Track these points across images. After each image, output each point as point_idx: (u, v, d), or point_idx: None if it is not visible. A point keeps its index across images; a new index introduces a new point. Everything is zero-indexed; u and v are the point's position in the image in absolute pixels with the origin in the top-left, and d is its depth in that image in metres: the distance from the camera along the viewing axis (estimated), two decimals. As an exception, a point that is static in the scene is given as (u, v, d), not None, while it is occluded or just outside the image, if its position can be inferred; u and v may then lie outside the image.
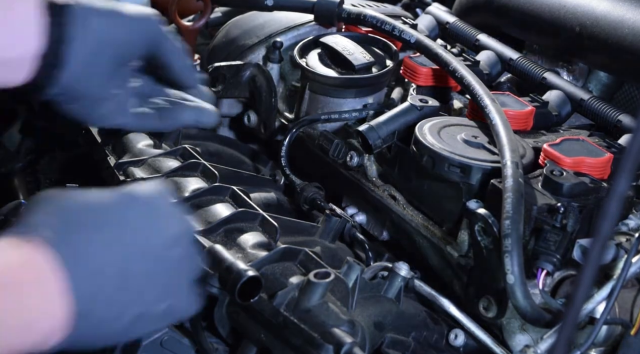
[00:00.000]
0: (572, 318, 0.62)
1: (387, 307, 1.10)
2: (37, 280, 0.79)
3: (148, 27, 1.12)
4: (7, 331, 0.77)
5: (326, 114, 1.38)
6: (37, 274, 0.79)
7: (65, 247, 0.81)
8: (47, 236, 0.80)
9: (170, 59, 1.15)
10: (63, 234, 0.81)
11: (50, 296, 0.79)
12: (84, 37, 1.06)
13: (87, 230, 0.83)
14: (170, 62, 1.16)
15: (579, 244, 1.05)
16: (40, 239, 0.80)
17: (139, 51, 1.13)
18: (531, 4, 1.47)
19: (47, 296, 0.79)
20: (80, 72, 1.07)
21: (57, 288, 0.79)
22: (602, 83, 1.48)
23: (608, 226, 0.59)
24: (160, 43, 1.13)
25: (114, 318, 0.84)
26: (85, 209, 0.85)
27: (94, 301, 0.82)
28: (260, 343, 1.02)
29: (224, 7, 1.68)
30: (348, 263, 1.08)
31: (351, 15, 1.49)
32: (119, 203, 0.88)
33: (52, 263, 0.79)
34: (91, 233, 0.83)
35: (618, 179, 0.59)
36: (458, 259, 1.16)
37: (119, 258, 0.84)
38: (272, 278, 1.04)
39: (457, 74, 1.28)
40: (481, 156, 1.16)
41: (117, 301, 0.84)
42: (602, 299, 1.01)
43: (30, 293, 0.79)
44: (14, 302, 0.78)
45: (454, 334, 1.12)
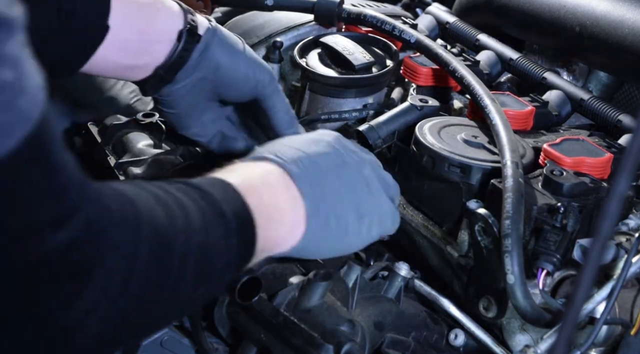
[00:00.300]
0: (572, 318, 0.61)
1: (387, 307, 1.10)
2: (281, 182, 0.97)
3: (261, 76, 1.21)
4: (268, 221, 0.93)
5: (326, 114, 1.38)
6: (280, 178, 0.98)
7: (292, 164, 0.99)
8: (273, 158, 0.99)
9: (274, 111, 1.23)
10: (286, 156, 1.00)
11: (292, 195, 0.97)
12: (200, 66, 1.17)
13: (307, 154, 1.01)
14: (274, 113, 1.24)
15: (579, 244, 1.05)
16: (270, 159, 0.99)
17: (245, 94, 1.22)
18: (531, 4, 1.46)
19: (291, 195, 0.97)
20: (184, 94, 1.19)
21: (295, 189, 0.97)
22: (602, 83, 1.48)
23: (608, 226, 0.59)
24: (268, 94, 1.22)
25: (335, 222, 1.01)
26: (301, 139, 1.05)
27: (319, 204, 0.99)
28: (260, 343, 1.02)
29: (224, 7, 1.68)
30: (348, 263, 1.08)
31: (351, 15, 1.49)
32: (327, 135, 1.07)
33: (284, 173, 0.98)
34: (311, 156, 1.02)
35: (618, 179, 0.59)
36: (458, 259, 1.16)
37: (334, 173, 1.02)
38: (272, 278, 1.04)
39: (457, 74, 1.28)
40: (481, 156, 1.16)
41: (336, 207, 1.01)
42: (602, 299, 1.01)
43: (279, 191, 0.97)
44: (272, 197, 0.95)
45: (454, 334, 1.12)
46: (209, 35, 1.17)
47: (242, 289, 0.99)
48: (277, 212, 0.96)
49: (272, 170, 0.98)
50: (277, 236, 0.96)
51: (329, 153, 1.04)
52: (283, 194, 0.97)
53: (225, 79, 1.20)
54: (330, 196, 1.01)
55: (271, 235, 0.94)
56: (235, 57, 1.19)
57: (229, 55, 1.19)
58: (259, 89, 1.21)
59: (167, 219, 0.81)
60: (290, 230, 0.97)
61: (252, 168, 0.98)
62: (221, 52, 1.18)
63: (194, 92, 1.20)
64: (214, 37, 1.18)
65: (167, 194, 0.84)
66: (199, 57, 1.17)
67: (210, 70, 1.18)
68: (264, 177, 0.97)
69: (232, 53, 1.19)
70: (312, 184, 0.99)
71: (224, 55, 1.18)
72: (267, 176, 0.97)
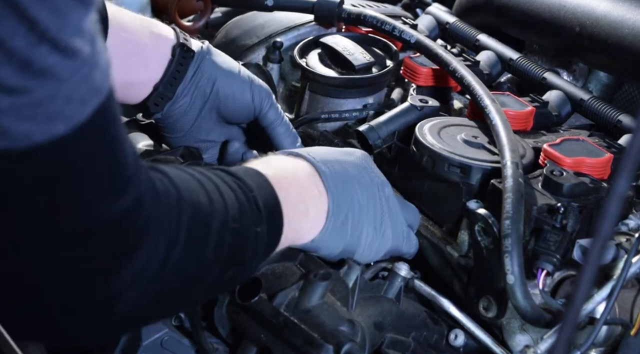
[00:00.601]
0: (572, 318, 0.61)
1: (387, 307, 1.10)
2: (310, 178, 1.02)
3: (258, 92, 1.25)
4: (294, 213, 0.97)
5: (326, 113, 1.38)
6: (310, 174, 1.03)
7: (322, 164, 1.04)
8: (306, 156, 1.04)
9: (273, 126, 1.27)
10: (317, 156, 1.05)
11: (319, 190, 1.02)
12: (197, 81, 1.23)
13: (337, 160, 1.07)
14: (273, 129, 1.27)
15: (579, 244, 1.05)
16: (303, 156, 1.04)
17: (243, 112, 1.26)
18: (531, 4, 1.46)
19: (317, 190, 1.02)
20: (185, 112, 1.24)
21: (322, 186, 1.03)
22: (602, 83, 1.48)
23: (608, 226, 0.59)
24: (266, 110, 1.26)
25: (351, 227, 1.05)
26: (334, 149, 1.12)
27: (341, 204, 1.04)
28: (260, 343, 1.02)
29: (224, 7, 1.68)
30: (348, 263, 1.08)
31: (351, 15, 1.49)
32: (358, 151, 1.13)
33: (314, 170, 1.03)
34: (341, 162, 1.07)
35: (618, 179, 0.59)
36: (458, 259, 1.16)
37: (359, 183, 1.07)
38: (272, 278, 1.04)
39: (457, 74, 1.28)
40: (481, 156, 1.16)
41: (355, 213, 1.06)
42: (602, 299, 1.01)
43: (307, 186, 1.01)
44: (300, 190, 1.00)
45: (454, 335, 1.12)
46: (203, 52, 1.23)
47: (242, 289, 0.99)
48: (303, 205, 1.00)
49: (303, 166, 1.03)
50: (300, 227, 1.00)
51: (357, 164, 1.09)
52: (310, 189, 1.02)
53: (223, 97, 1.24)
54: (351, 201, 1.05)
55: (295, 226, 0.99)
56: (230, 73, 1.24)
57: (224, 72, 1.24)
58: (256, 104, 1.25)
59: (207, 202, 0.85)
60: (312, 224, 1.02)
61: (285, 162, 1.04)
62: (216, 68, 1.24)
63: (194, 110, 1.24)
64: (208, 54, 1.23)
65: (207, 179, 0.88)
66: (196, 73, 1.22)
67: (207, 86, 1.23)
68: (295, 171, 1.02)
69: (226, 70, 1.24)
70: (337, 185, 1.04)
71: (219, 72, 1.24)
72: (298, 171, 1.02)
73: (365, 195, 1.07)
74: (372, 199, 1.08)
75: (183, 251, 0.80)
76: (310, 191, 1.02)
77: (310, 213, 1.02)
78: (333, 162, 1.06)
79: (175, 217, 0.80)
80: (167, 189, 0.81)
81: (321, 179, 1.03)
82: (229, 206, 0.87)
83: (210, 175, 0.89)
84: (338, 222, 1.04)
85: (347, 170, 1.07)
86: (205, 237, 0.84)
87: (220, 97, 1.24)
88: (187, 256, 0.81)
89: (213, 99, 1.24)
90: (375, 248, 1.09)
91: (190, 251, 0.82)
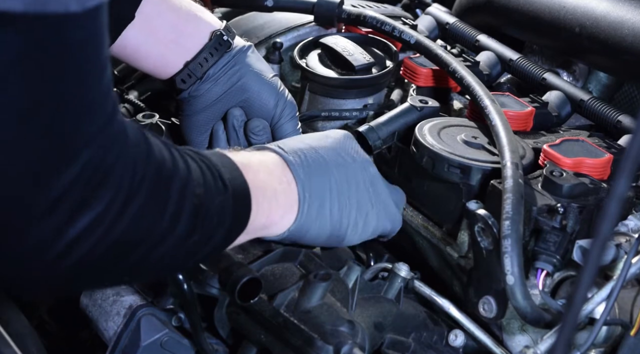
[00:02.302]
0: (571, 319, 0.61)
1: (387, 308, 1.10)
2: (278, 168, 1.04)
3: (283, 104, 1.31)
4: (263, 197, 0.98)
5: (326, 111, 1.38)
6: (278, 165, 1.04)
7: (291, 154, 1.06)
8: (274, 148, 1.06)
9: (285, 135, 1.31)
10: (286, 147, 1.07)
11: (287, 179, 1.04)
12: (229, 71, 1.29)
13: (312, 147, 1.08)
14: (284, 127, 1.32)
15: (579, 245, 1.05)
16: (272, 149, 1.06)
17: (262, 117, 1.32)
18: (531, 4, 1.46)
19: (286, 179, 1.04)
20: (211, 95, 1.30)
21: (290, 175, 1.04)
22: (602, 83, 1.48)
23: (608, 227, 0.59)
24: (284, 123, 1.32)
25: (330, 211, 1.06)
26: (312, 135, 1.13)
27: (314, 191, 1.05)
28: (260, 343, 1.02)
29: (224, 8, 1.68)
30: (348, 264, 1.08)
31: (351, 16, 1.49)
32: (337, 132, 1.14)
33: (282, 161, 1.05)
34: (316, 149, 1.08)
35: (618, 180, 0.59)
36: (458, 260, 1.16)
37: (338, 167, 1.09)
38: (272, 279, 1.04)
39: (457, 74, 1.28)
40: (481, 156, 1.16)
41: (335, 198, 1.07)
42: (602, 300, 1.01)
43: (275, 175, 1.03)
44: (267, 177, 1.01)
45: (454, 335, 1.12)
46: (244, 49, 1.30)
47: (242, 290, 0.99)
48: (272, 191, 1.01)
49: (271, 157, 1.05)
50: (270, 212, 1.01)
51: (335, 148, 1.10)
52: (278, 177, 1.03)
53: (248, 92, 1.29)
54: (329, 185, 1.07)
55: (265, 211, 1.00)
56: (260, 74, 1.31)
57: (256, 71, 1.30)
58: (278, 111, 1.31)
59: (171, 163, 0.85)
60: (283, 212, 1.03)
61: (253, 153, 1.06)
62: (250, 65, 1.30)
63: (219, 95, 1.30)
64: (247, 52, 1.30)
65: (174, 148, 0.89)
66: (228, 63, 1.28)
67: (235, 76, 1.29)
68: (262, 161, 1.04)
69: (258, 70, 1.31)
70: (308, 172, 1.05)
71: (251, 69, 1.30)
72: (265, 161, 1.04)
73: (344, 177, 1.09)
74: (354, 180, 1.10)
75: (143, 204, 0.80)
76: (279, 179, 1.03)
77: (280, 200, 1.02)
78: (305, 150, 1.07)
79: (140, 170, 0.80)
80: (138, 142, 0.81)
81: (289, 169, 1.04)
82: (193, 174, 0.88)
83: (176, 147, 0.90)
84: (313, 208, 1.05)
85: (321, 156, 1.08)
86: (167, 195, 0.84)
87: (246, 93, 1.30)
88: (147, 210, 0.81)
89: (237, 91, 1.30)
90: (361, 228, 1.10)
91: (151, 206, 0.81)
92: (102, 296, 1.12)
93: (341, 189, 1.08)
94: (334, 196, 1.07)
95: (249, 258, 1.07)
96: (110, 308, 1.10)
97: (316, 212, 1.06)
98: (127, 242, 0.81)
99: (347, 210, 1.09)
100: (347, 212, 1.09)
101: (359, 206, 1.10)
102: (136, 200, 0.79)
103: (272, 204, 1.01)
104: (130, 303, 1.10)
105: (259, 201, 0.98)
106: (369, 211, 1.11)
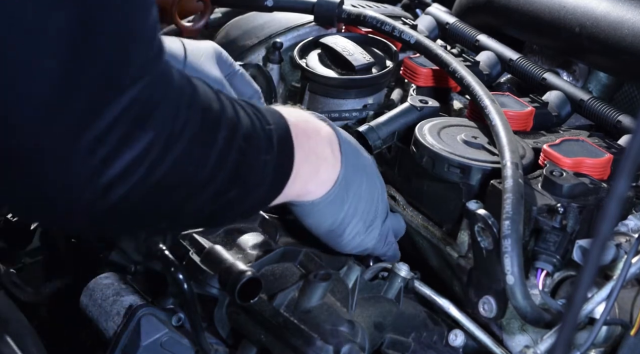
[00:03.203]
0: (571, 319, 0.61)
1: (387, 308, 1.10)
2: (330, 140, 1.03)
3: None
4: (305, 161, 0.97)
5: (326, 112, 1.38)
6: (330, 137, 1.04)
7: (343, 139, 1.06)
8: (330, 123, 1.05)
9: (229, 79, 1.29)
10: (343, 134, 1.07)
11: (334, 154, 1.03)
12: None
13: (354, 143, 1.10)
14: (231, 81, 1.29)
15: (579, 244, 1.05)
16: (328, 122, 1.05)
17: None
18: (531, 4, 1.46)
19: (333, 154, 1.03)
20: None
21: (338, 152, 1.04)
22: (602, 83, 1.48)
23: (608, 227, 0.59)
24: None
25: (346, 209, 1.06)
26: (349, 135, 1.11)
27: (348, 182, 1.04)
28: (260, 343, 1.02)
29: (224, 8, 1.68)
30: (348, 264, 1.08)
31: (351, 16, 1.49)
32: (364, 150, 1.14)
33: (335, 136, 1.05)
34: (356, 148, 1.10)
35: (618, 180, 0.59)
36: (458, 259, 1.16)
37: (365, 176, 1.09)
38: (272, 279, 1.05)
39: (457, 74, 1.28)
40: (481, 156, 1.16)
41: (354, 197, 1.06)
42: (602, 299, 1.01)
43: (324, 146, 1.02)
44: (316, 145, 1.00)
45: (454, 335, 1.12)
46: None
47: (242, 289, 0.99)
48: (316, 161, 1.01)
49: (326, 129, 1.04)
50: (308, 180, 1.01)
51: (368, 159, 1.12)
52: (327, 150, 1.02)
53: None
54: (357, 187, 1.07)
55: (304, 177, 0.99)
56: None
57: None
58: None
59: (219, 111, 0.84)
60: (318, 184, 1.03)
61: (310, 117, 1.04)
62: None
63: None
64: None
65: (227, 98, 0.88)
66: None
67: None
68: (317, 129, 1.02)
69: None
70: (351, 161, 1.05)
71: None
72: (320, 130, 1.03)
73: (368, 189, 1.09)
74: (372, 197, 1.10)
75: (185, 148, 0.79)
76: (326, 152, 1.03)
77: (321, 173, 1.02)
78: (352, 146, 1.08)
79: (183, 114, 0.79)
80: (182, 85, 0.80)
81: (339, 146, 1.04)
82: (242, 125, 0.87)
83: (230, 98, 0.88)
84: (339, 196, 1.05)
85: (360, 159, 1.09)
86: (210, 143, 0.83)
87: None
88: (188, 156, 0.80)
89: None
90: (358, 242, 1.11)
91: (192, 151, 0.80)
92: (102, 296, 1.12)
93: (362, 198, 1.08)
94: (356, 199, 1.07)
95: (249, 258, 1.07)
96: (110, 308, 1.10)
97: (339, 203, 1.05)
98: (168, 186, 0.79)
99: (357, 220, 1.09)
100: (356, 221, 1.09)
101: (366, 222, 1.10)
102: (179, 143, 0.78)
103: (312, 176, 1.01)
104: (130, 303, 1.10)
105: (300, 166, 0.97)
106: (372, 231, 1.12)
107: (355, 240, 1.10)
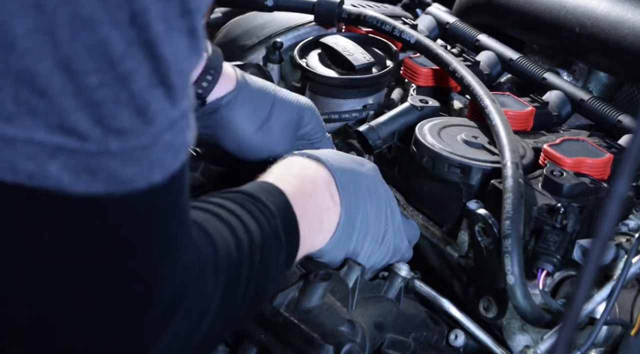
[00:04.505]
0: (572, 319, 0.61)
1: (387, 307, 1.10)
2: (328, 187, 1.02)
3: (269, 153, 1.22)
4: (309, 229, 0.97)
5: (326, 114, 1.38)
6: (328, 183, 1.02)
7: (339, 172, 1.03)
8: (327, 162, 1.03)
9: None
10: (335, 163, 1.04)
11: (334, 201, 1.02)
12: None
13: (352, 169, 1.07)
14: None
15: (579, 244, 1.05)
16: (322, 162, 1.03)
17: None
18: (531, 4, 1.46)
19: (333, 201, 1.02)
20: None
21: (337, 198, 1.02)
22: (602, 83, 1.47)
23: (608, 227, 0.59)
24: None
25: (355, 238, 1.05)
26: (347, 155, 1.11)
27: (350, 218, 1.03)
28: (260, 343, 1.02)
29: (224, 7, 1.68)
30: (348, 264, 1.08)
31: (351, 15, 1.49)
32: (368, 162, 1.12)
33: (331, 178, 1.03)
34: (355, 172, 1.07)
35: (618, 180, 0.59)
36: (458, 259, 1.16)
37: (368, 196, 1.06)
38: (272, 279, 1.04)
39: (457, 74, 1.28)
40: (481, 156, 1.16)
41: (361, 225, 1.05)
42: (602, 299, 1.01)
43: (325, 197, 1.01)
44: (317, 203, 0.99)
45: (454, 335, 1.12)
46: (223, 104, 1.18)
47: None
48: (319, 220, 1.00)
49: (322, 174, 1.03)
50: (313, 241, 1.01)
51: (369, 176, 1.08)
52: (327, 201, 1.02)
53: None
54: (361, 213, 1.05)
55: (309, 242, 0.99)
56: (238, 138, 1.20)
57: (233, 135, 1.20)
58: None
59: (236, 248, 0.83)
60: (324, 236, 1.02)
61: (306, 169, 1.03)
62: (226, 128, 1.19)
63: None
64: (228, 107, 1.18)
65: (232, 214, 0.86)
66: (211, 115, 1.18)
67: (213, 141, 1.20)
68: (314, 181, 1.01)
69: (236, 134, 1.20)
70: (350, 195, 1.04)
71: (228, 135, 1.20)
72: (316, 180, 1.02)
73: (373, 208, 1.07)
74: (379, 213, 1.08)
75: (214, 317, 0.80)
76: (327, 204, 1.02)
77: (325, 226, 1.02)
78: (348, 172, 1.05)
79: (211, 287, 0.78)
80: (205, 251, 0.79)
81: (337, 189, 1.03)
82: (256, 247, 0.86)
83: (233, 208, 0.87)
84: (346, 233, 1.04)
85: (360, 181, 1.06)
86: (236, 291, 0.83)
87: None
88: (218, 320, 0.81)
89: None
90: (372, 261, 1.09)
91: (221, 314, 0.81)
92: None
93: (369, 219, 1.07)
94: (362, 225, 1.06)
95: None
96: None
97: (346, 238, 1.04)
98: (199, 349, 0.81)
99: (368, 241, 1.07)
100: (368, 242, 1.07)
101: (378, 240, 1.09)
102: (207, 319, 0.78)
103: (315, 235, 1.00)
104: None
105: (306, 234, 0.96)
106: (385, 245, 1.10)
107: (371, 260, 1.09)
